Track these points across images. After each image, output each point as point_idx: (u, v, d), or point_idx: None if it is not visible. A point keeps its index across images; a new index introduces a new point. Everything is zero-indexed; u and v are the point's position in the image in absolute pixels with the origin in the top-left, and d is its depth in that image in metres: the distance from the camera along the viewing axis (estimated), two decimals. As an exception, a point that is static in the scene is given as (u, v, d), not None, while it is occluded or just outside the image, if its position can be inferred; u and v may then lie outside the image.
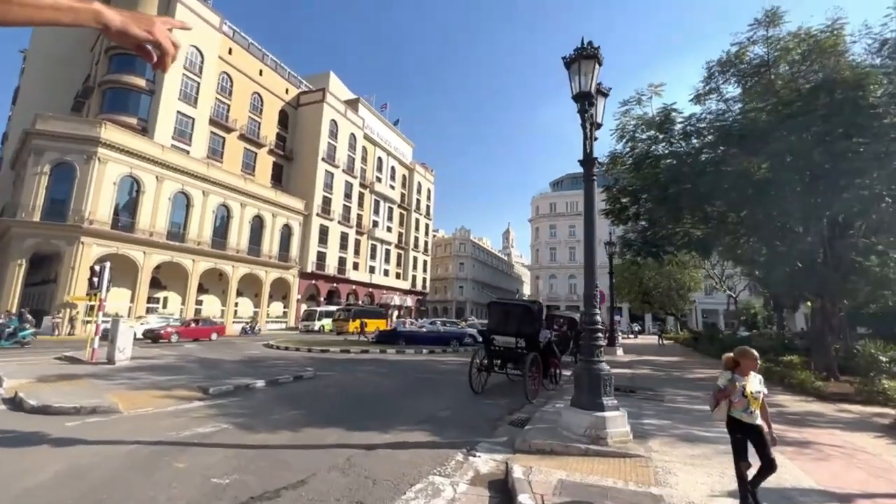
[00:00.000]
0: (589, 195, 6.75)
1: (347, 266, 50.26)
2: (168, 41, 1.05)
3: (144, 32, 1.00)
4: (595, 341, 6.28)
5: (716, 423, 7.39)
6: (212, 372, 11.24)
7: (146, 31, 1.00)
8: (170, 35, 1.06)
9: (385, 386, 10.66)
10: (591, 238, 6.64)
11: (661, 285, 27.05)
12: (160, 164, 30.65)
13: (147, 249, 29.84)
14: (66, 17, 0.93)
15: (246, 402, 8.22)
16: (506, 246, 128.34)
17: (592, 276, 6.54)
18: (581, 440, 5.73)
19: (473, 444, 6.00)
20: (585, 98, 6.50)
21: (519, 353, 9.65)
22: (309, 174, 46.25)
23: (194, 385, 9.23)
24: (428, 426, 6.90)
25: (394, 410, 8.04)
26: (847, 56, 12.13)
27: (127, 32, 0.99)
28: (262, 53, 45.42)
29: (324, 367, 13.55)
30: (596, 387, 6.00)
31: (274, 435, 6.11)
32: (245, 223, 37.75)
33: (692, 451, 5.54)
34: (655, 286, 27.23)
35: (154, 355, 14.51)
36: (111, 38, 1.00)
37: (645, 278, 26.63)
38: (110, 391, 8.30)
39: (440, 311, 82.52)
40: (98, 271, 12.36)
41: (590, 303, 6.46)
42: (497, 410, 8.38)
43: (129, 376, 10.02)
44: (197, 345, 20.41)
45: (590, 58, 6.39)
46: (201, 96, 36.96)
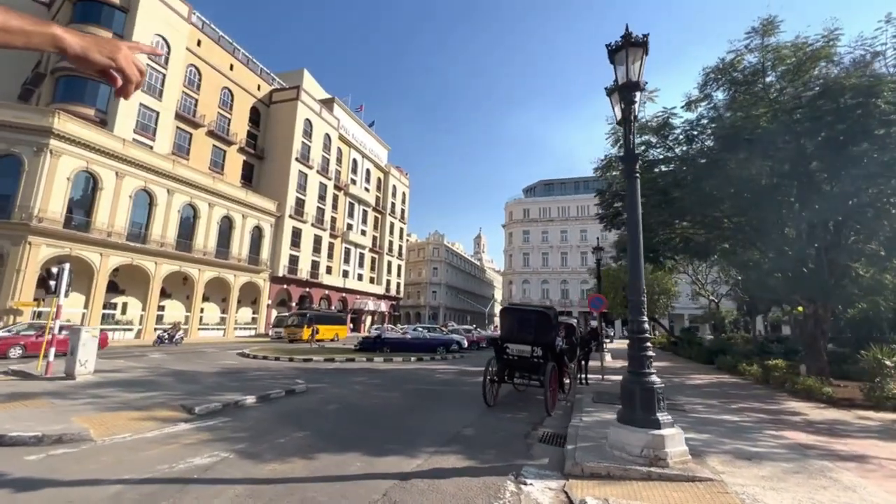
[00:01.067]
0: (633, 193, 6.27)
1: (321, 270, 48.58)
2: (133, 68, 0.99)
3: (107, 59, 0.95)
4: (645, 351, 5.78)
5: (754, 434, 7.15)
6: (191, 387, 10.06)
7: (108, 58, 0.95)
8: (135, 61, 1.01)
9: (387, 399, 9.84)
10: (637, 239, 6.16)
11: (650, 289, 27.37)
12: (120, 158, 28.46)
13: (104, 251, 27.56)
14: (17, 41, 0.88)
15: (240, 422, 7.23)
16: (477, 251, 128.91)
17: (639, 281, 6.05)
18: (637, 461, 5.19)
19: (517, 468, 5.35)
20: (633, 89, 6.04)
21: (535, 362, 9.09)
22: (281, 174, 44.43)
23: (176, 403, 8.12)
24: (457, 447, 6.19)
25: (410, 428, 7.27)
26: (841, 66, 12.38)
27: (87, 58, 0.94)
28: (234, 47, 43.38)
29: (312, 378, 12.53)
30: (650, 402, 5.49)
31: (287, 464, 5.24)
32: (213, 224, 35.72)
33: (760, 472, 5.09)
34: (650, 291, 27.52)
35: (119, 368, 13.02)
36: (70, 63, 0.94)
37: (629, 283, 26.81)
38: (76, 413, 7.11)
39: (413, 317, 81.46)
40: (56, 273, 10.92)
41: (637, 309, 5.97)
42: (520, 426, 7.76)
43: (96, 394, 8.74)
44: (164, 354, 18.76)
45: (638, 45, 5.94)
46: (167, 89, 34.75)
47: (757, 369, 14.38)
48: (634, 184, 6.30)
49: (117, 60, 0.97)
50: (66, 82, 30.85)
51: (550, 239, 76.19)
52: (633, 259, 6.15)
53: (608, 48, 6.17)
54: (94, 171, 27.23)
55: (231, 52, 42.68)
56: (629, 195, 6.32)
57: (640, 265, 6.11)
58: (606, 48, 6.18)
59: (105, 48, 0.96)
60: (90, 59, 0.95)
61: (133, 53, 1.01)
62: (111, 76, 0.99)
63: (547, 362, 8.85)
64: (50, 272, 10.92)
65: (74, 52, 0.93)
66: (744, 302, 26.90)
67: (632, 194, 6.29)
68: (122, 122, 31.26)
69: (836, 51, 12.49)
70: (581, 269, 72.22)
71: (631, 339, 5.94)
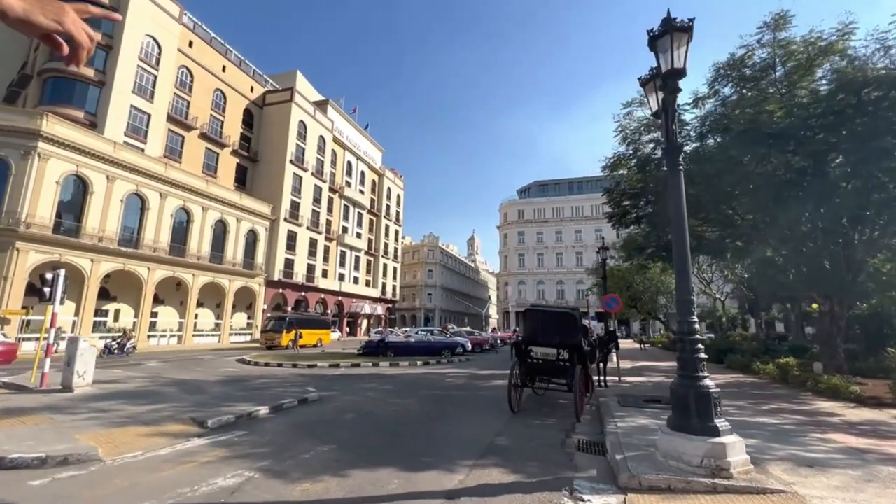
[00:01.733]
0: (677, 187, 5.95)
1: (317, 274, 47.93)
2: (82, 33, 0.92)
3: (52, 22, 0.87)
4: (697, 353, 5.44)
5: (800, 437, 6.86)
6: (198, 397, 9.54)
7: (54, 21, 0.87)
8: (85, 26, 0.93)
9: (404, 407, 9.41)
10: (682, 235, 5.83)
11: (649, 290, 27.25)
12: (112, 162, 27.72)
13: (95, 256, 26.78)
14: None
15: (257, 436, 6.76)
16: (471, 253, 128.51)
17: (687, 279, 5.72)
18: (698, 472, 4.84)
19: (567, 482, 4.98)
20: (677, 76, 5.72)
21: (561, 365, 8.73)
22: (276, 177, 43.77)
23: (185, 416, 7.62)
24: (495, 459, 5.80)
25: (438, 438, 6.87)
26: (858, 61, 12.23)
27: (30, 21, 0.85)
28: (226, 49, 42.71)
29: (321, 385, 12.05)
30: (706, 408, 5.15)
31: (319, 484, 4.81)
32: (207, 228, 34.99)
33: (830, 481, 4.76)
34: (644, 290, 27.40)
35: (117, 378, 12.42)
36: (11, 27, 0.86)
37: (635, 283, 26.75)
38: (80, 430, 6.59)
39: (409, 320, 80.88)
40: (51, 280, 10.34)
41: (687, 309, 5.63)
42: (552, 433, 7.38)
43: (98, 407, 8.20)
44: (161, 363, 18.11)
45: (683, 30, 5.63)
46: (158, 90, 34.02)
47: (773, 368, 14.17)
48: (678, 176, 5.99)
49: (64, 24, 0.88)
50: (53, 84, 30.04)
51: (545, 240, 76.15)
52: (680, 256, 5.81)
53: (649, 34, 5.85)
54: (83, 174, 26.45)
55: (223, 54, 42.01)
56: (673, 189, 5.99)
57: (687, 262, 5.78)
58: (648, 34, 5.85)
59: (50, 10, 0.87)
60: (33, 23, 0.85)
61: (81, 16, 0.92)
62: (57, 42, 0.90)
63: (574, 365, 8.51)
64: (44, 279, 10.34)
65: (16, 14, 0.83)
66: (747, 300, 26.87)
67: (676, 188, 5.96)
68: (113, 125, 30.49)
69: (850, 45, 12.36)
70: (577, 269, 72.24)
71: (681, 341, 5.61)
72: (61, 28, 0.89)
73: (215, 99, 40.65)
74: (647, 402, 9.45)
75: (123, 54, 31.34)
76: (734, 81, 15.12)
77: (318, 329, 33.95)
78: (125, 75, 31.53)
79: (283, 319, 30.65)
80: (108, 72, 30.98)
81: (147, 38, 33.44)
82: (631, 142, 16.73)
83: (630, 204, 17.71)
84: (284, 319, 30.57)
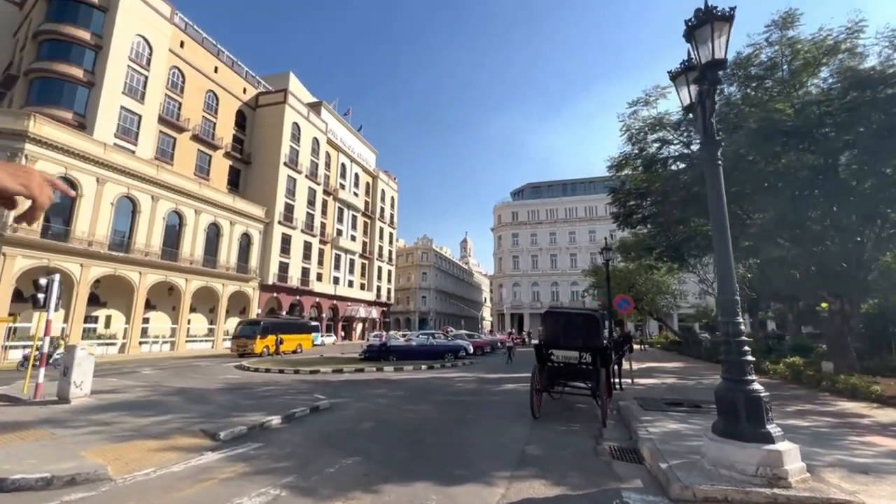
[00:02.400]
0: (716, 182, 5.73)
1: (311, 277, 47.28)
2: (45, 196, 0.98)
3: (20, 186, 0.94)
4: (744, 355, 5.21)
5: (840, 441, 6.67)
6: (204, 407, 9.11)
7: (22, 185, 0.94)
8: (48, 188, 1.00)
9: (421, 414, 9.08)
10: (724, 232, 5.60)
11: (651, 290, 27.23)
12: (101, 164, 27.01)
13: (85, 261, 26.01)
14: None
15: (275, 448, 6.38)
16: (464, 255, 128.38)
17: (731, 278, 5.49)
18: (754, 482, 4.59)
19: (615, 494, 4.71)
20: (718, 67, 5.50)
21: (583, 369, 8.47)
22: (269, 179, 43.14)
23: (194, 428, 7.21)
24: (532, 470, 5.50)
25: (465, 448, 6.55)
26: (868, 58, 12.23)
27: (3, 186, 0.92)
28: (218, 49, 42.03)
29: (328, 392, 11.66)
30: (757, 412, 4.91)
31: (353, 502, 4.47)
32: (200, 231, 34.29)
33: (893, 488, 4.55)
34: (647, 291, 27.36)
35: (115, 387, 11.90)
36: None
37: (637, 283, 26.70)
38: (84, 445, 6.16)
39: (403, 323, 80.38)
40: (45, 285, 9.84)
41: (732, 309, 5.40)
42: (581, 439, 7.11)
43: (99, 420, 7.75)
44: (157, 371, 17.53)
45: (724, 19, 5.41)
46: (149, 91, 33.29)
47: (784, 368, 14.08)
48: (718, 171, 5.77)
49: (31, 188, 0.94)
50: (41, 84, 29.23)
51: (539, 241, 76.22)
52: (722, 254, 5.59)
53: (687, 24, 5.62)
54: (73, 177, 25.71)
55: (215, 55, 41.35)
56: (712, 185, 5.77)
57: (729, 260, 5.56)
58: (686, 24, 5.64)
59: (19, 176, 0.94)
60: (3, 186, 0.91)
61: (46, 184, 1.00)
62: (12, 201, 0.96)
63: (597, 369, 8.26)
64: (38, 284, 9.84)
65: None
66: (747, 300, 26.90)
67: (715, 184, 5.74)
68: (103, 126, 29.73)
69: (859, 43, 12.35)
70: (571, 270, 72.36)
71: (726, 343, 5.37)
72: (26, 192, 0.93)
73: (207, 100, 39.96)
74: (669, 406, 9.23)
75: (113, 54, 30.63)
76: (739, 80, 15.09)
77: (297, 334, 31.52)
78: (115, 76, 30.80)
79: (257, 324, 28.06)
80: (98, 72, 30.24)
81: (137, 38, 32.74)
82: (636, 141, 16.62)
83: (635, 204, 17.60)
84: (258, 324, 27.99)
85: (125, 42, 31.68)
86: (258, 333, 26.60)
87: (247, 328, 27.64)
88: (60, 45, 29.52)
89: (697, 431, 7.11)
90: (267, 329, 27.27)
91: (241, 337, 26.89)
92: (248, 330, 27.32)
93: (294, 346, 30.37)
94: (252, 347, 25.89)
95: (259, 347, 26.08)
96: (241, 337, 26.89)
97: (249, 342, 26.15)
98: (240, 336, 27.13)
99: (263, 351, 26.24)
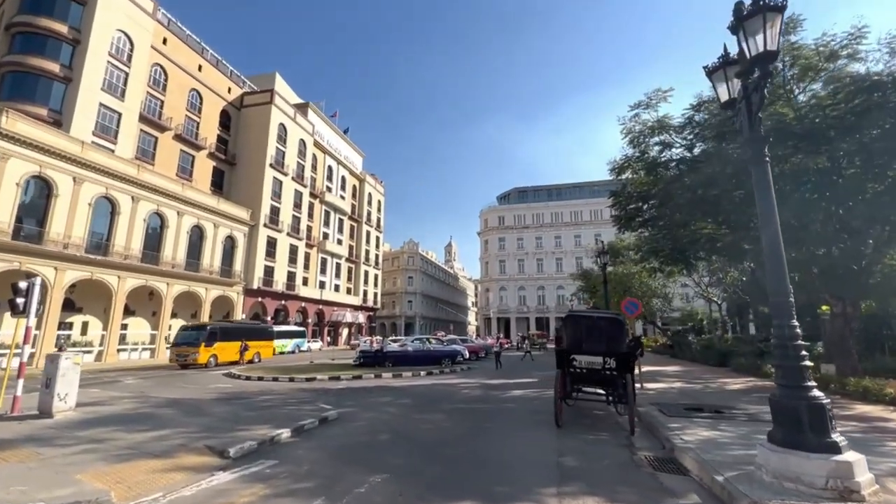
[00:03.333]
0: (765, 179, 5.50)
1: (297, 282, 46.22)
2: None
3: None
4: (802, 360, 4.95)
5: (880, 447, 6.52)
6: (202, 420, 8.47)
7: None
8: None
9: (436, 424, 8.63)
10: (775, 230, 5.38)
11: (646, 294, 27.37)
12: (79, 163, 25.78)
13: (59, 264, 24.70)
14: None
15: (292, 465, 5.85)
16: (448, 259, 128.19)
17: (784, 277, 5.26)
18: (825, 495, 4.31)
19: (677, 511, 4.37)
20: (771, 59, 5.29)
21: (607, 375, 8.17)
22: (255, 181, 42.06)
23: (199, 444, 6.61)
24: (579, 485, 5.12)
25: (495, 461, 6.13)
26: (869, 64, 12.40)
27: None
28: (202, 47, 40.88)
29: (330, 401, 11.10)
30: (821, 421, 4.65)
31: (398, 528, 4.02)
32: (182, 234, 33.09)
33: (969, 499, 4.34)
34: (642, 294, 27.49)
35: (100, 399, 11.08)
36: None
37: (633, 287, 26.80)
38: (78, 467, 5.52)
39: (389, 328, 79.41)
40: (25, 289, 9.06)
41: (787, 311, 5.15)
42: (613, 449, 6.79)
43: (90, 437, 7.05)
44: (140, 379, 16.58)
45: (776, 10, 5.21)
46: (130, 88, 32.04)
47: (788, 371, 14.10)
48: (766, 168, 5.54)
49: None
50: (13, 78, 27.75)
51: (526, 245, 76.52)
52: (773, 254, 5.36)
53: (736, 14, 5.41)
54: (47, 175, 24.45)
55: (199, 52, 40.21)
56: (761, 181, 5.53)
57: (781, 260, 5.34)
58: (734, 14, 5.42)
59: None
60: None
61: None
62: None
63: (622, 374, 7.98)
64: (17, 288, 9.05)
65: None
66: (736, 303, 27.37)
67: (764, 180, 5.51)
68: (80, 123, 28.41)
69: (861, 49, 12.52)
70: (557, 275, 72.83)
71: (781, 347, 5.11)
72: None
73: (191, 99, 38.75)
74: (690, 411, 9.01)
75: (92, 49, 29.37)
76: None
77: (255, 340, 26.93)
78: (94, 71, 29.51)
79: (202, 329, 23.96)
80: (76, 67, 28.93)
81: (118, 33, 31.49)
82: (637, 144, 16.58)
83: (635, 208, 17.54)
84: (203, 329, 23.81)
85: (105, 37, 30.43)
86: (203, 340, 22.66)
87: (189, 334, 23.73)
88: (35, 39, 28.14)
89: (733, 439, 6.88)
90: (214, 335, 23.46)
91: (182, 344, 22.90)
92: (191, 336, 23.38)
93: (250, 356, 25.83)
94: (195, 357, 22.06)
95: (204, 357, 22.36)
96: (182, 344, 22.90)
97: (191, 350, 22.27)
98: (180, 343, 23.12)
99: (210, 361, 22.69)
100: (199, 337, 22.90)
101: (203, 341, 22.59)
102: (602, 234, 67.92)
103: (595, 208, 74.57)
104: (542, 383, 15.33)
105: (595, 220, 73.57)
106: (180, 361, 22.32)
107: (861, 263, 12.31)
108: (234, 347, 24.85)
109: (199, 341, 22.58)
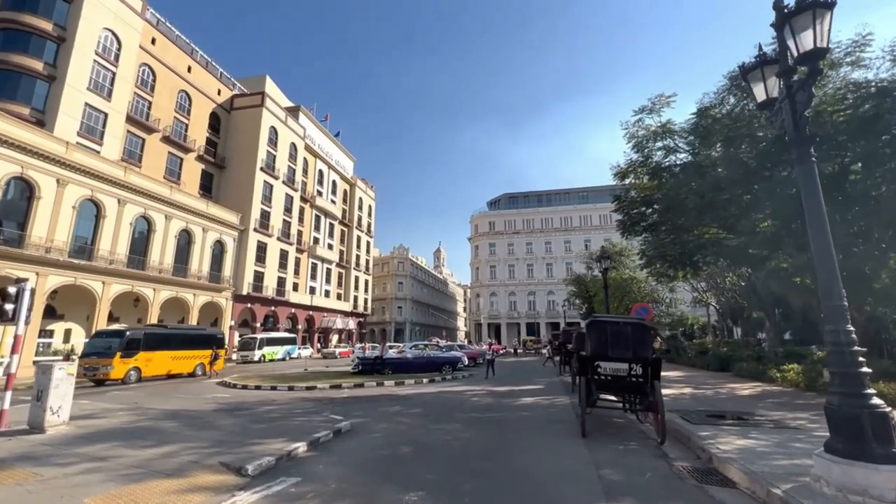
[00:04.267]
0: (812, 179, 5.36)
1: (287, 287, 45.36)
2: None
3: None
4: (860, 367, 4.78)
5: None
6: (209, 433, 7.97)
7: None
8: None
9: (456, 435, 8.27)
10: (825, 233, 5.23)
11: (645, 299, 27.44)
12: (63, 164, 24.88)
13: (41, 269, 23.71)
14: None
15: (318, 484, 5.44)
16: (437, 265, 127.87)
17: (837, 281, 5.11)
18: (897, 509, 4.12)
19: (745, 529, 4.11)
20: (819, 56, 5.15)
21: (633, 382, 7.94)
22: (245, 185, 41.25)
23: (211, 461, 6.15)
24: (629, 501, 4.85)
25: (534, 475, 5.81)
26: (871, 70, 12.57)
27: None
28: (191, 48, 40.11)
29: (337, 411, 10.66)
30: (886, 430, 4.46)
31: (454, 554, 3.67)
32: (170, 238, 32.20)
33: None
34: (642, 300, 27.55)
35: (94, 411, 10.43)
36: None
37: (632, 292, 26.84)
38: (83, 489, 5.03)
39: (378, 333, 78.54)
40: (15, 295, 8.48)
41: (842, 315, 4.99)
42: (648, 460, 6.53)
43: (91, 454, 6.52)
44: (132, 391, 15.84)
45: (825, 6, 5.08)
46: (117, 88, 31.17)
47: (794, 375, 14.11)
48: (812, 168, 5.40)
49: None
50: (-7, 76, 26.70)
51: (516, 251, 76.68)
52: (824, 257, 5.21)
53: (782, 11, 5.28)
54: (29, 176, 23.52)
55: (189, 53, 39.43)
56: (807, 181, 5.39)
57: (833, 263, 5.18)
58: (780, 11, 5.29)
59: None
60: None
61: None
62: None
63: (648, 381, 7.75)
64: (6, 293, 8.45)
65: None
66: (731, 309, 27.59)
67: (811, 181, 5.37)
68: (64, 123, 27.48)
69: (865, 56, 12.70)
70: (547, 280, 73.09)
71: (838, 353, 4.93)
72: None
73: (180, 100, 37.91)
74: (713, 418, 8.82)
75: (78, 47, 28.50)
76: (742, 91, 15.31)
77: (200, 349, 21.93)
78: (79, 70, 28.62)
79: (118, 336, 18.81)
80: (60, 65, 28.02)
81: (105, 32, 30.67)
82: (641, 149, 16.59)
83: (638, 213, 17.53)
84: (119, 336, 18.74)
85: (91, 35, 29.58)
86: (119, 349, 18.02)
87: (101, 341, 18.83)
88: (18, 35, 27.18)
89: (771, 448, 6.69)
90: (136, 343, 18.72)
91: (92, 355, 18.20)
92: (103, 344, 18.54)
93: (191, 367, 21.50)
94: (106, 371, 17.59)
95: (120, 371, 17.87)
96: (92, 355, 18.20)
97: (104, 362, 17.69)
98: (90, 353, 18.39)
99: (129, 375, 18.12)
100: (114, 346, 18.16)
101: (119, 351, 17.95)
102: (592, 239, 68.69)
103: (585, 214, 75.26)
104: (549, 390, 15.08)
105: (585, 226, 74.22)
106: (89, 376, 17.65)
107: (866, 267, 12.38)
108: (169, 358, 20.31)
109: (112, 352, 17.91)
